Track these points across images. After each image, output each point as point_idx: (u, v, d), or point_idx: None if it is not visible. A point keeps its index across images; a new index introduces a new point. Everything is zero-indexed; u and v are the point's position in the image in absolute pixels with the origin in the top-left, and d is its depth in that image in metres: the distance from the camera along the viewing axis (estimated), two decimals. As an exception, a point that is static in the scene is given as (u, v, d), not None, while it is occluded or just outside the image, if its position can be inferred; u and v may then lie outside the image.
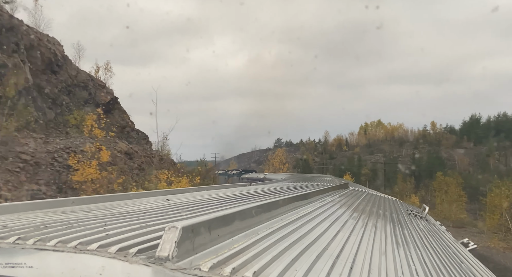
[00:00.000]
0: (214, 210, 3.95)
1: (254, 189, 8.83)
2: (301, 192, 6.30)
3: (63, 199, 4.64)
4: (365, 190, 12.56)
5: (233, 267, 2.01)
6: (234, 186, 10.40)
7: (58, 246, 2.19)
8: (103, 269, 1.89)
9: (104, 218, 3.24)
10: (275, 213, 3.82)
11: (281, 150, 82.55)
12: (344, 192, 9.50)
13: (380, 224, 5.45)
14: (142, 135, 41.01)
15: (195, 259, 2.05)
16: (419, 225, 7.43)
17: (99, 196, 5.49)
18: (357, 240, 3.69)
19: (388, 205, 9.40)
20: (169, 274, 1.83)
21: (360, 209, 6.59)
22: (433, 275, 3.47)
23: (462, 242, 9.84)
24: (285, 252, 2.57)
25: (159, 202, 4.97)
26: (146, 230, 2.73)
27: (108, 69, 40.23)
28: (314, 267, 2.39)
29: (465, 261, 5.66)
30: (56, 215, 3.40)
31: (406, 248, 4.26)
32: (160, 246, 2.00)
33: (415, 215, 8.91)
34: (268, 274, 2.02)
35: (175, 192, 7.22)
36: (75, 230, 2.58)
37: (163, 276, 1.83)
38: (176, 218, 3.43)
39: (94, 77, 33.33)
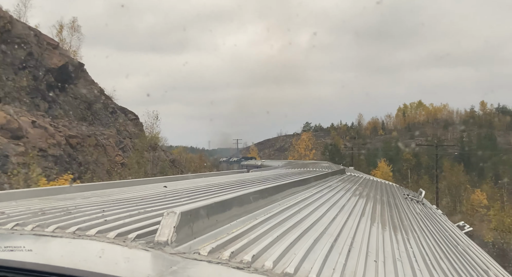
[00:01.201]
0: (213, 196, 3.96)
1: (252, 176, 8.86)
2: (298, 178, 6.32)
3: (60, 187, 4.63)
4: (362, 175, 12.63)
5: (232, 251, 2.02)
6: (232, 173, 10.42)
7: (57, 232, 2.19)
8: (102, 252, 1.89)
9: (102, 204, 3.24)
10: (273, 199, 3.83)
11: (307, 134, 72.06)
12: (341, 177, 9.55)
13: (377, 208, 5.49)
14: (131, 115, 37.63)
15: (194, 243, 2.06)
16: (415, 209, 7.50)
17: (97, 183, 5.49)
18: (354, 223, 3.71)
19: (385, 189, 9.46)
20: (168, 258, 1.84)
21: (357, 193, 6.63)
22: (430, 257, 3.51)
23: (458, 225, 9.95)
24: (283, 236, 2.58)
25: (157, 189, 4.97)
26: (144, 216, 2.73)
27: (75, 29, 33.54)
28: (313, 250, 2.41)
29: (461, 243, 5.73)
30: (54, 202, 3.39)
31: (403, 231, 4.30)
32: (159, 231, 2.00)
33: (412, 199, 8.98)
34: (267, 258, 2.03)
35: (173, 179, 7.23)
36: (73, 216, 2.58)
37: (162, 260, 1.84)
38: (175, 204, 3.43)
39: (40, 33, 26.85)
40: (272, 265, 1.92)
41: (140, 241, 2.06)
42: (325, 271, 2.04)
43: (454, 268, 3.59)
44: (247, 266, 1.90)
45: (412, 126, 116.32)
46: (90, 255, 1.90)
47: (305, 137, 69.48)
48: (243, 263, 1.91)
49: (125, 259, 1.88)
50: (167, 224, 2.01)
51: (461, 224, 11.29)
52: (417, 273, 2.76)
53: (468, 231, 10.42)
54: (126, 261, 1.87)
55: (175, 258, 1.84)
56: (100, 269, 1.55)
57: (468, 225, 11.65)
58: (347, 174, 11.29)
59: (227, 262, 1.90)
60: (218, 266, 1.86)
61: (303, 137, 69.87)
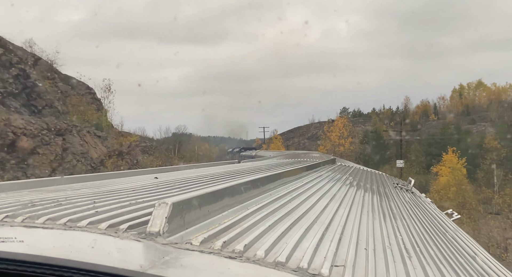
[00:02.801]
0: (204, 187, 3.96)
1: (243, 166, 8.87)
2: (289, 168, 6.35)
3: (50, 178, 4.60)
4: (352, 165, 12.73)
5: (224, 241, 2.03)
6: (223, 163, 10.42)
7: (47, 223, 2.18)
8: (94, 243, 1.89)
9: (93, 196, 3.22)
10: (264, 189, 3.85)
11: (342, 120, 60.17)
12: (332, 167, 9.61)
13: (367, 197, 5.55)
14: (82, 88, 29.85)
15: (186, 234, 2.06)
16: (405, 197, 7.59)
17: (87, 175, 5.46)
18: (345, 212, 3.75)
19: (375, 178, 9.55)
20: (160, 248, 1.85)
21: (347, 183, 6.69)
22: (419, 244, 3.57)
23: (446, 213, 10.12)
24: (274, 226, 2.61)
25: (148, 180, 4.96)
26: (136, 207, 2.73)
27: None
28: (304, 239, 2.44)
29: (449, 230, 5.83)
30: (44, 193, 3.37)
31: (393, 219, 4.36)
32: (151, 222, 2.00)
33: (401, 188, 9.09)
34: (259, 247, 2.05)
35: (164, 170, 7.21)
36: (64, 208, 2.56)
37: (154, 250, 1.85)
38: (166, 195, 3.43)
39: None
40: (264, 254, 1.94)
41: (132, 232, 2.06)
42: (317, 259, 2.06)
43: (442, 255, 3.66)
44: (239, 255, 1.91)
45: (472, 109, 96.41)
46: (82, 246, 1.90)
47: (338, 123, 58.49)
48: (235, 253, 1.93)
49: (117, 249, 1.89)
50: (159, 214, 2.01)
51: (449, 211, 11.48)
52: (407, 260, 2.81)
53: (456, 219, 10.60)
54: (118, 251, 1.87)
55: (167, 248, 1.85)
56: (93, 260, 1.55)
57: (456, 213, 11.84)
58: (338, 164, 11.37)
59: (219, 252, 1.91)
60: (210, 255, 1.87)
61: (336, 123, 59.07)
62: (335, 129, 57.87)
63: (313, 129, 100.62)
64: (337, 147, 55.35)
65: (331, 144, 56.50)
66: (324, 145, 57.51)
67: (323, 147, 56.58)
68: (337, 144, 55.92)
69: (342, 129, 57.70)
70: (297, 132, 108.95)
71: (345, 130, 58.15)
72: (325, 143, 57.83)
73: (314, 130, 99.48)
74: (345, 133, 57.95)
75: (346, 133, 58.21)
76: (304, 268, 1.87)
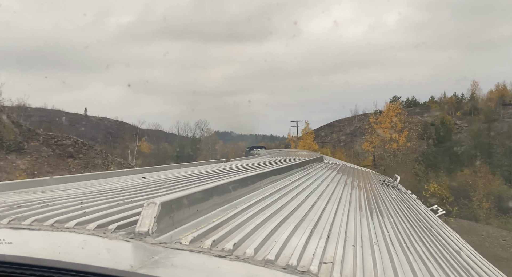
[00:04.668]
0: (193, 186, 3.96)
1: (231, 165, 8.87)
2: (277, 167, 6.37)
3: (36, 179, 4.53)
4: (339, 163, 12.83)
5: (213, 240, 2.04)
6: (211, 162, 10.41)
7: (34, 225, 2.16)
8: (83, 244, 1.88)
9: (80, 196, 3.19)
10: (252, 188, 3.87)
11: (394, 107, 46.17)
12: (319, 165, 9.68)
13: (354, 194, 5.61)
14: None
15: (175, 233, 2.07)
16: (391, 194, 7.69)
17: (74, 175, 5.40)
18: (333, 210, 3.79)
19: (362, 176, 9.65)
20: (149, 248, 1.84)
21: (335, 180, 6.75)
22: (405, 240, 3.63)
23: (431, 209, 10.27)
24: (263, 224, 2.62)
25: (135, 180, 4.93)
26: (124, 207, 2.71)
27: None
28: (293, 237, 2.46)
29: (434, 226, 5.93)
30: (30, 194, 3.32)
31: (380, 216, 4.42)
32: (140, 222, 2.00)
33: (388, 184, 9.20)
34: (248, 245, 2.06)
35: (152, 170, 7.16)
36: (50, 209, 2.53)
37: (143, 250, 1.84)
38: (154, 195, 3.42)
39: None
40: (253, 252, 1.96)
41: (121, 232, 2.05)
42: (305, 257, 2.08)
43: (428, 250, 3.72)
44: (229, 254, 1.92)
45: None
46: (71, 247, 1.89)
47: (390, 112, 44.46)
48: (224, 251, 1.94)
49: (107, 250, 1.88)
50: (148, 214, 2.01)
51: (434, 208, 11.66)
52: (394, 256, 2.85)
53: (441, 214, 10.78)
54: (108, 252, 1.86)
55: (156, 248, 1.85)
56: (82, 260, 1.54)
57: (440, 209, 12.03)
58: (325, 161, 11.44)
59: (208, 251, 1.92)
60: (200, 254, 1.88)
61: (387, 112, 44.96)
62: (384, 120, 44.37)
63: (357, 122, 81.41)
64: (388, 143, 43.26)
65: (379, 140, 44.40)
66: (371, 141, 45.50)
67: (369, 143, 45.49)
68: (388, 139, 43.30)
69: (395, 119, 43.98)
70: (336, 126, 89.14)
71: (398, 120, 44.26)
72: (371, 139, 45.48)
73: (358, 123, 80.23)
74: (399, 125, 44.11)
75: (400, 125, 44.27)
76: (293, 265, 1.89)
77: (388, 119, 44.91)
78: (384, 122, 45.02)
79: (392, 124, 44.31)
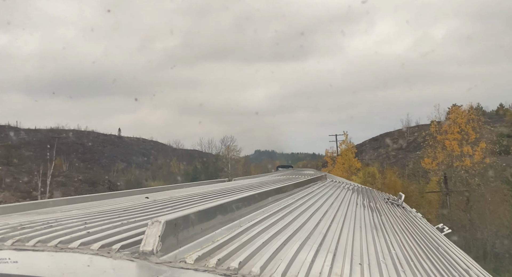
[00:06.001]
0: (196, 205, 3.94)
1: (235, 184, 8.84)
2: (281, 185, 6.34)
3: (39, 201, 4.52)
4: (342, 181, 12.77)
5: (218, 259, 2.02)
6: (214, 182, 10.38)
7: (38, 245, 2.14)
8: (87, 264, 1.86)
9: (84, 217, 3.18)
10: (256, 206, 3.84)
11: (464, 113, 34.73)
12: (323, 183, 9.63)
13: (359, 212, 5.56)
14: None
15: (179, 252, 2.05)
16: (396, 212, 7.62)
17: (77, 196, 5.38)
18: (338, 228, 3.75)
19: (365, 194, 9.58)
20: (154, 268, 1.82)
21: (339, 198, 6.70)
22: (412, 258, 3.57)
23: (437, 227, 10.15)
24: (268, 242, 2.59)
25: (138, 200, 4.91)
26: (128, 227, 2.70)
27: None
28: (298, 255, 2.43)
29: (442, 244, 5.84)
30: (33, 216, 3.31)
31: (386, 234, 4.36)
32: (144, 241, 1.98)
33: (392, 203, 9.12)
34: (253, 264, 2.04)
35: (154, 190, 7.14)
36: (54, 230, 2.52)
37: (148, 270, 1.82)
38: (158, 214, 3.40)
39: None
40: (259, 271, 1.93)
41: (125, 251, 2.03)
42: (312, 275, 2.06)
43: (436, 269, 3.66)
44: (234, 272, 1.90)
45: None
46: (76, 267, 1.87)
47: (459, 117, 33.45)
48: (230, 270, 1.91)
49: (111, 269, 1.86)
50: (152, 233, 1.99)
51: (440, 226, 11.52)
52: (401, 274, 2.81)
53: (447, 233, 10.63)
54: (113, 271, 1.84)
55: (161, 267, 1.83)
56: None
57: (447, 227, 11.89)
58: (328, 180, 11.39)
59: (214, 270, 1.90)
60: (205, 273, 1.85)
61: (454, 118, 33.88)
62: (451, 129, 33.56)
63: (409, 135, 71.01)
64: (458, 159, 33.24)
65: (445, 155, 34.13)
66: (434, 156, 35.26)
67: (432, 160, 35.43)
68: (457, 154, 33.12)
69: (466, 127, 33.31)
70: (382, 140, 75.64)
71: (470, 129, 33.31)
72: (434, 153, 35.21)
73: (411, 136, 70.33)
74: (472, 135, 33.18)
75: (474, 135, 33.19)
76: None
77: (456, 127, 33.70)
78: (451, 131, 33.80)
79: (463, 133, 33.32)
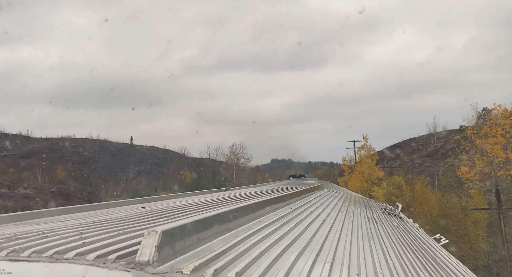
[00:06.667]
0: (193, 215, 3.92)
1: (231, 194, 8.81)
2: (279, 194, 6.32)
3: (34, 211, 4.48)
4: (339, 191, 12.75)
5: (215, 269, 2.00)
6: (211, 191, 10.34)
7: (33, 256, 2.12)
8: (83, 274, 1.84)
9: (80, 227, 3.15)
10: (253, 216, 3.82)
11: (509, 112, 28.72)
12: (320, 193, 9.61)
13: (356, 222, 5.54)
14: None
15: (176, 262, 2.03)
16: (393, 222, 7.60)
17: (72, 207, 5.35)
18: (335, 238, 3.74)
19: (363, 204, 9.57)
20: None
21: (336, 208, 6.68)
22: (409, 269, 3.56)
23: (434, 238, 10.13)
24: (265, 252, 2.58)
25: (134, 210, 4.88)
26: (124, 237, 2.68)
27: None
28: (296, 266, 2.41)
29: (439, 255, 5.83)
30: (28, 226, 3.28)
31: (383, 244, 4.35)
32: (140, 251, 1.97)
33: (389, 213, 9.11)
34: (250, 274, 2.03)
35: (151, 200, 7.11)
36: (49, 240, 2.50)
37: None
38: (154, 224, 3.38)
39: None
40: None
41: (121, 262, 2.02)
42: None
43: (433, 279, 3.65)
44: (231, 283, 1.89)
45: None
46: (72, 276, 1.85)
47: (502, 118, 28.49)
48: (227, 281, 1.90)
49: None
50: (148, 243, 1.98)
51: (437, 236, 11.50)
52: (399, 284, 2.80)
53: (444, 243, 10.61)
54: None
55: None
56: None
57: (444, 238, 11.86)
58: (326, 190, 11.37)
59: None
60: None
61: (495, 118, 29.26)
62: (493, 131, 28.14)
63: (436, 141, 63.74)
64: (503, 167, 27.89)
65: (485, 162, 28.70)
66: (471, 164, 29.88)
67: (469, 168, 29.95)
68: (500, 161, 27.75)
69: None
70: (407, 146, 68.96)
71: None
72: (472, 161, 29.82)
73: (438, 142, 63.20)
74: None
75: None
76: None
77: (499, 129, 28.08)
78: (493, 134, 28.23)
79: (508, 136, 27.92)
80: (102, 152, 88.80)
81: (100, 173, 78.38)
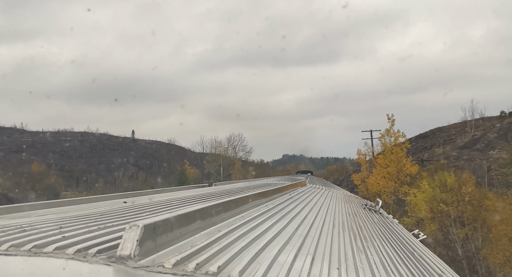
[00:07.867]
0: (175, 210, 3.91)
1: (214, 190, 8.80)
2: (261, 190, 6.35)
3: (13, 206, 4.39)
4: (322, 187, 12.87)
5: (197, 263, 2.00)
6: (193, 187, 10.30)
7: (11, 250, 2.08)
8: (63, 268, 1.82)
9: (59, 221, 3.11)
10: (236, 211, 3.83)
11: None
12: (302, 189, 9.68)
13: (337, 218, 5.61)
14: None
15: (157, 257, 2.02)
16: (373, 218, 7.72)
17: (52, 201, 5.25)
18: (317, 233, 3.78)
19: (344, 199, 9.69)
20: (131, 272, 1.80)
21: (318, 204, 6.75)
22: (389, 263, 3.63)
23: (413, 233, 10.33)
24: (247, 247, 2.59)
25: (116, 204, 4.83)
26: (105, 231, 2.65)
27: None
28: (277, 260, 2.44)
29: (417, 250, 5.95)
30: (6, 220, 3.22)
31: (363, 240, 4.42)
32: (121, 245, 1.95)
33: (370, 209, 9.25)
34: (232, 268, 2.04)
35: (133, 195, 7.04)
36: (28, 234, 2.46)
37: (125, 274, 1.80)
38: (136, 219, 3.36)
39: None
40: (238, 275, 1.93)
41: (102, 256, 2.00)
42: None
43: (412, 273, 3.73)
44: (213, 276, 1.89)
45: None
46: (50, 271, 1.82)
47: None
48: (208, 274, 1.91)
49: (87, 274, 1.82)
50: (130, 237, 1.97)
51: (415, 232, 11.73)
52: (378, 278, 2.85)
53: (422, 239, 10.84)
54: (89, 276, 1.81)
55: (138, 272, 1.81)
56: None
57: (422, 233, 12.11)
58: (308, 186, 11.46)
59: (192, 274, 1.88)
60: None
61: None
62: None
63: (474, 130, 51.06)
64: None
65: None
66: None
67: None
68: None
69: None
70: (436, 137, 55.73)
71: None
72: None
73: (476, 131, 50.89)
74: None
75: None
76: None
77: None
78: None
79: None
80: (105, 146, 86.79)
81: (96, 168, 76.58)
